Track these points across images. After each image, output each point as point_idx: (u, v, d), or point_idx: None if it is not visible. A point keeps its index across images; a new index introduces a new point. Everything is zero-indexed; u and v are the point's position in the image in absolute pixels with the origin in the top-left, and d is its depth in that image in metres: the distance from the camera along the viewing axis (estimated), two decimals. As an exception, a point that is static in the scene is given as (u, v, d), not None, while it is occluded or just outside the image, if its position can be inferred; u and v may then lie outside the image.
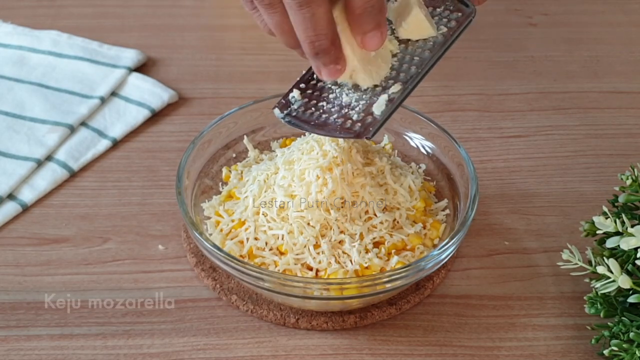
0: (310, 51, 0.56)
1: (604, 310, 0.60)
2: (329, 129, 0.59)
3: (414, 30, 0.59)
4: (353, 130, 0.58)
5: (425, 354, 0.63)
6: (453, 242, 0.62)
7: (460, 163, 0.69)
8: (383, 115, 0.57)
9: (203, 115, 0.84)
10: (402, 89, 0.58)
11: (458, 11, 0.60)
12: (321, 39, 0.55)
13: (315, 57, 0.56)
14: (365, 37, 0.56)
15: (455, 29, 0.59)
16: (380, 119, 0.57)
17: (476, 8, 0.60)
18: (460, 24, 0.60)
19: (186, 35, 0.96)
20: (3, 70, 0.88)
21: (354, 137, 0.58)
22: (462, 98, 0.88)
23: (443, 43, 0.59)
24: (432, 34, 0.59)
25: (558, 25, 1.00)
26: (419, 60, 0.59)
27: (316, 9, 0.54)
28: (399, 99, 0.58)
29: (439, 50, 0.59)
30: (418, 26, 0.59)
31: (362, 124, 0.58)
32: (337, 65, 0.57)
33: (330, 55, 0.56)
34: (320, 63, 0.56)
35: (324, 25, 0.55)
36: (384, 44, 0.57)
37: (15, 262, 0.69)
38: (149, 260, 0.69)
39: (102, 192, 0.76)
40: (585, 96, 0.89)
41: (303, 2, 0.53)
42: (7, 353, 0.62)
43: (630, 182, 0.63)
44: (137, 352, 0.62)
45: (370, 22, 0.55)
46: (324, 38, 0.55)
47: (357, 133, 0.57)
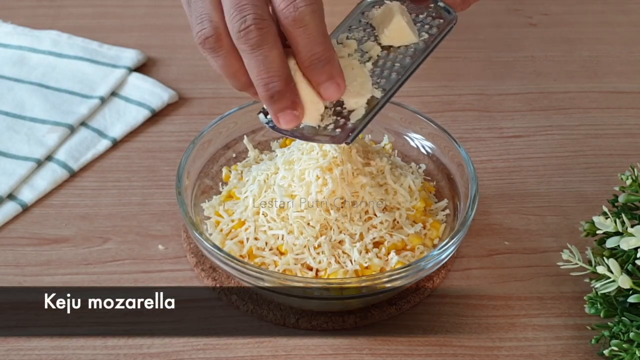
0: (265, 94, 0.55)
1: (604, 310, 0.60)
2: (309, 133, 0.59)
3: (395, 37, 0.60)
4: (333, 136, 0.58)
5: (425, 354, 0.63)
6: (453, 242, 0.62)
7: (460, 163, 0.69)
8: (363, 121, 0.58)
9: (203, 115, 0.84)
10: (382, 96, 0.59)
11: (440, 18, 0.61)
12: (275, 80, 0.54)
13: (270, 100, 0.55)
14: (321, 87, 0.56)
15: (436, 35, 0.60)
16: (360, 126, 0.58)
17: (457, 15, 0.61)
18: (442, 31, 0.61)
19: (186, 35, 0.95)
20: (3, 70, 0.88)
21: (333, 142, 0.58)
22: (462, 98, 0.88)
23: (424, 49, 0.60)
24: (413, 40, 0.60)
25: (558, 25, 1.00)
26: (400, 66, 0.60)
27: (269, 52, 0.54)
28: (379, 105, 0.58)
29: (420, 56, 0.60)
30: (399, 33, 0.60)
31: (342, 129, 0.58)
32: (295, 110, 0.56)
33: (285, 98, 0.55)
34: (277, 108, 0.56)
35: (277, 67, 0.54)
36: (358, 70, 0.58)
37: (15, 262, 0.69)
38: (149, 260, 0.69)
39: (102, 192, 0.76)
40: (585, 96, 0.89)
41: (255, 45, 0.53)
42: (7, 353, 0.62)
43: (630, 182, 0.63)
44: (137, 352, 0.62)
45: (322, 74, 0.55)
46: (277, 79, 0.55)
47: (337, 138, 0.58)
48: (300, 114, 0.57)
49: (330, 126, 0.58)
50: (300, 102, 0.56)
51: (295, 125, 0.57)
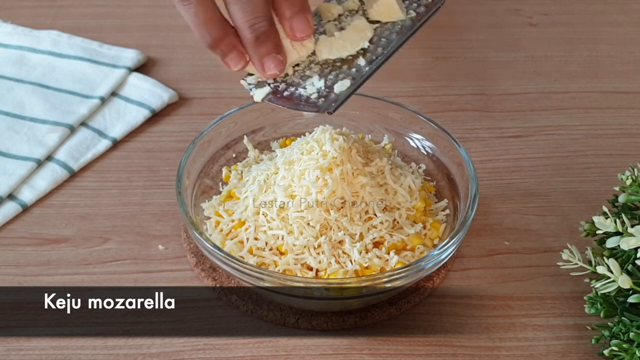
0: (250, 36, 0.55)
1: (604, 310, 0.60)
2: (293, 102, 0.60)
3: (383, 13, 0.62)
4: (316, 105, 0.59)
5: (425, 354, 0.63)
6: (453, 242, 0.62)
7: (460, 163, 0.69)
8: (347, 91, 0.59)
9: (203, 115, 0.84)
10: (368, 68, 0.60)
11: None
12: (260, 21, 0.55)
13: (256, 42, 0.56)
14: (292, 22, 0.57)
15: (423, 14, 0.62)
16: (343, 96, 0.59)
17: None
18: (429, 10, 0.62)
19: (186, 35, 0.96)
20: (3, 70, 0.88)
21: (317, 111, 0.59)
22: (462, 98, 0.88)
23: (410, 27, 0.62)
24: (401, 17, 0.62)
25: (558, 25, 1.00)
26: (386, 41, 0.61)
27: None
28: (363, 77, 0.60)
29: (406, 33, 0.61)
30: (388, 9, 0.61)
31: (325, 99, 0.59)
32: (279, 55, 0.57)
33: (271, 39, 0.56)
34: (264, 51, 0.56)
35: (261, 8, 0.55)
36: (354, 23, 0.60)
37: (15, 262, 0.69)
38: (149, 260, 0.69)
39: (102, 192, 0.76)
40: (585, 96, 0.89)
41: None
42: (7, 353, 0.62)
43: (630, 182, 0.63)
44: (137, 352, 0.62)
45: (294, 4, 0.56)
46: (263, 19, 0.55)
47: (320, 107, 0.59)
48: (284, 58, 0.57)
49: (314, 95, 0.59)
50: (282, 45, 0.57)
51: (279, 70, 0.57)
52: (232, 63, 0.57)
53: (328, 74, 0.60)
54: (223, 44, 0.57)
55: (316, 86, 0.59)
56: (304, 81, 0.60)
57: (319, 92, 0.59)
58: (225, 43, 0.57)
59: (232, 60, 0.57)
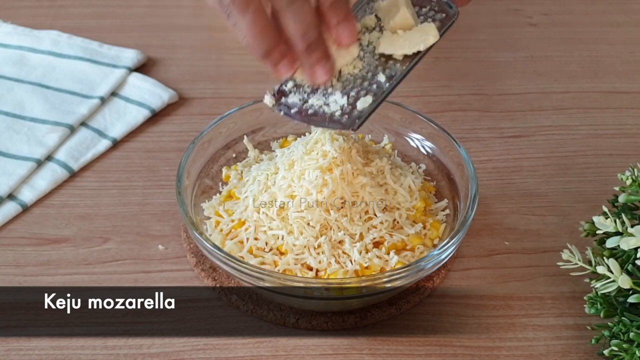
0: (302, 45, 0.57)
1: (604, 310, 0.60)
2: (318, 119, 0.60)
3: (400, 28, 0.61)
4: (341, 122, 0.59)
5: (425, 354, 0.63)
6: (453, 242, 0.62)
7: (460, 163, 0.69)
8: (369, 108, 0.59)
9: (203, 115, 0.84)
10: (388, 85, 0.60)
11: (442, 12, 0.62)
12: (311, 30, 0.56)
13: (308, 51, 0.57)
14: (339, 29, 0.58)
15: (439, 29, 0.62)
16: (366, 112, 0.59)
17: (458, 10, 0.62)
18: (444, 25, 0.62)
19: (186, 35, 0.96)
20: (3, 70, 0.88)
21: (341, 128, 0.59)
22: (462, 98, 0.88)
23: None
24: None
25: (558, 25, 1.00)
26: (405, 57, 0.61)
27: (302, 5, 0.56)
28: (384, 94, 0.60)
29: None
30: (404, 25, 0.61)
31: (349, 116, 0.59)
32: (328, 61, 0.58)
33: (321, 48, 0.57)
34: (315, 59, 0.57)
35: (311, 18, 0.56)
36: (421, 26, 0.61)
37: (15, 262, 0.69)
38: (149, 260, 0.69)
39: (102, 192, 0.76)
40: (585, 96, 0.89)
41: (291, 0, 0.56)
42: (7, 353, 0.62)
43: (630, 182, 0.63)
44: (137, 352, 0.62)
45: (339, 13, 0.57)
46: (313, 29, 0.57)
47: (344, 125, 0.59)
48: (333, 66, 0.59)
49: (337, 112, 0.59)
50: (330, 52, 0.58)
51: (329, 77, 0.58)
52: (284, 70, 0.59)
53: (350, 91, 0.60)
54: (276, 52, 0.58)
55: (339, 103, 0.59)
56: (326, 98, 0.60)
57: (343, 109, 0.59)
58: (278, 51, 0.58)
59: (284, 68, 0.59)
